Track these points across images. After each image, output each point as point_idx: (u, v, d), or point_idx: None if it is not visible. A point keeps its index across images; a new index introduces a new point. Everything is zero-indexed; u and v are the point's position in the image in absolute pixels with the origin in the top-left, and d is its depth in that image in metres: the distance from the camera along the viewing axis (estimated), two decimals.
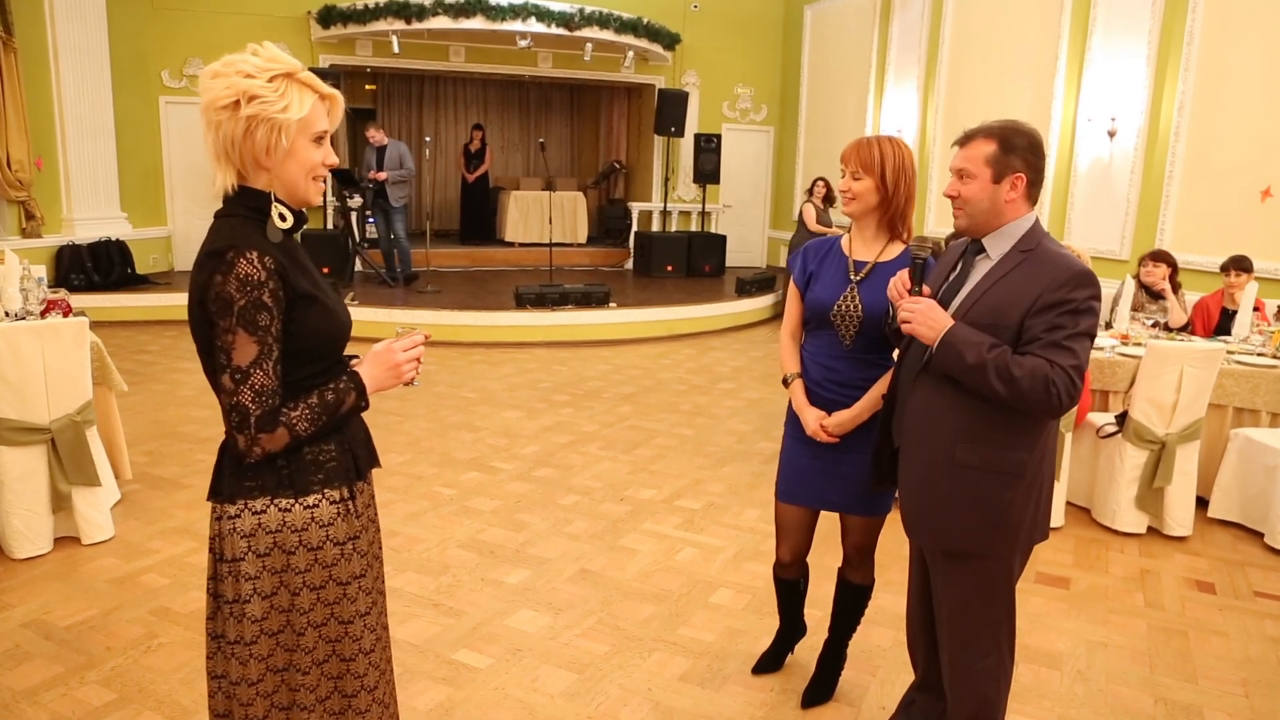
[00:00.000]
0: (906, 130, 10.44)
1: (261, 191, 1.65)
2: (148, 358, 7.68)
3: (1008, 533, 2.19)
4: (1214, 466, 4.66)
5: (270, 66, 1.60)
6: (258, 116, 1.58)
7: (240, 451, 1.61)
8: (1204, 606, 3.74)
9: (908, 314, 2.17)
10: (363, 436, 1.86)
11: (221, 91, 1.57)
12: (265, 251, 1.59)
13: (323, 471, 1.71)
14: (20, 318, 4.13)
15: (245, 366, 1.57)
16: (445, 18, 10.38)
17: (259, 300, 1.57)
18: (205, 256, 1.59)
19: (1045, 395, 2.01)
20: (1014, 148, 2.14)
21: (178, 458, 5.14)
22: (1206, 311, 5.69)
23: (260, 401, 1.58)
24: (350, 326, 1.79)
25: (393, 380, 1.78)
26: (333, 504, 1.72)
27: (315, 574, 1.71)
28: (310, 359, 1.68)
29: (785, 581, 2.97)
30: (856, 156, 2.54)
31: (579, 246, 13.12)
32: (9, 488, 3.74)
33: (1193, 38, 7.16)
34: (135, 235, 10.10)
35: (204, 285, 1.58)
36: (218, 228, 1.64)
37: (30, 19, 8.88)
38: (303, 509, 1.68)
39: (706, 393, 7.08)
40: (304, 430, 1.64)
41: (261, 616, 1.70)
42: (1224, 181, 7.02)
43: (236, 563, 1.68)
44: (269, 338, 1.59)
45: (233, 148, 1.61)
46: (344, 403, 1.70)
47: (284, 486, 1.67)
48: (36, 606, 3.40)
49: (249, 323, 1.56)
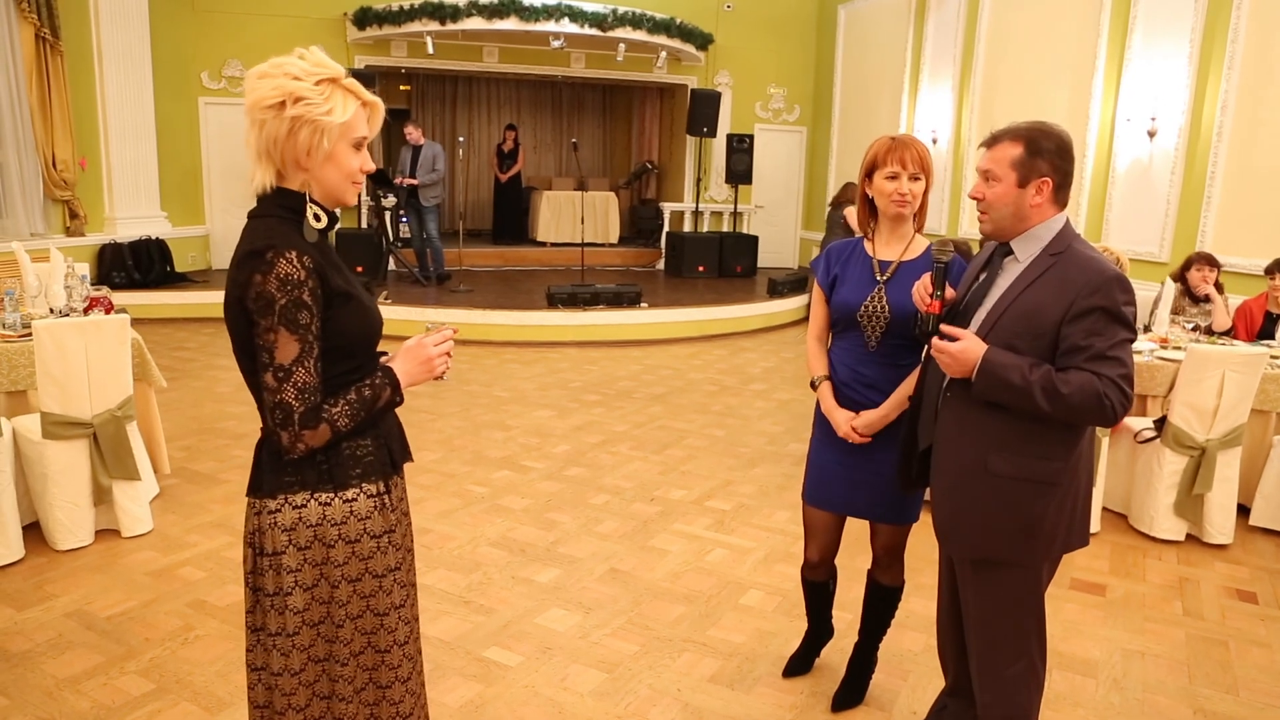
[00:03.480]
0: (941, 131, 10.34)
1: (297, 192, 1.68)
2: (186, 354, 7.81)
3: (1039, 542, 2.16)
4: (1256, 473, 4.57)
5: (317, 70, 1.64)
6: (302, 118, 1.61)
7: (283, 448, 1.64)
8: (1245, 616, 3.67)
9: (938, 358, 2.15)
10: (396, 431, 1.88)
11: (268, 91, 1.60)
12: (304, 251, 1.62)
13: (360, 466, 1.73)
14: (64, 314, 4.22)
15: (288, 364, 1.60)
16: (479, 19, 10.44)
17: (299, 299, 1.60)
18: (245, 256, 1.61)
19: (1099, 409, 1.99)
20: (1041, 150, 2.10)
21: (215, 453, 5.22)
22: (1249, 315, 5.58)
23: (303, 399, 1.61)
24: (382, 324, 1.82)
25: (425, 375, 1.81)
26: (370, 498, 1.74)
27: (353, 566, 1.74)
28: (345, 356, 1.71)
29: (813, 583, 2.96)
30: (918, 157, 2.50)
31: (611, 247, 13.14)
32: (53, 481, 3.83)
33: (1237, 34, 7.01)
34: (174, 234, 10.28)
35: (244, 284, 1.60)
36: (254, 228, 1.66)
37: (76, 23, 9.07)
38: (341, 503, 1.71)
39: (737, 394, 7.06)
40: (344, 426, 1.67)
41: (303, 608, 1.73)
42: (1268, 182, 6.87)
43: (278, 556, 1.70)
44: (309, 336, 1.62)
45: (274, 147, 1.63)
46: (380, 398, 1.72)
47: (323, 481, 1.70)
48: (78, 597, 3.47)
49: (290, 321, 1.59)
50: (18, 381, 4.12)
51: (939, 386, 2.29)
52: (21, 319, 4.28)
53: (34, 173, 8.65)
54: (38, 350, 3.74)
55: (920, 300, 2.28)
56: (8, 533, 3.69)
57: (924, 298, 2.26)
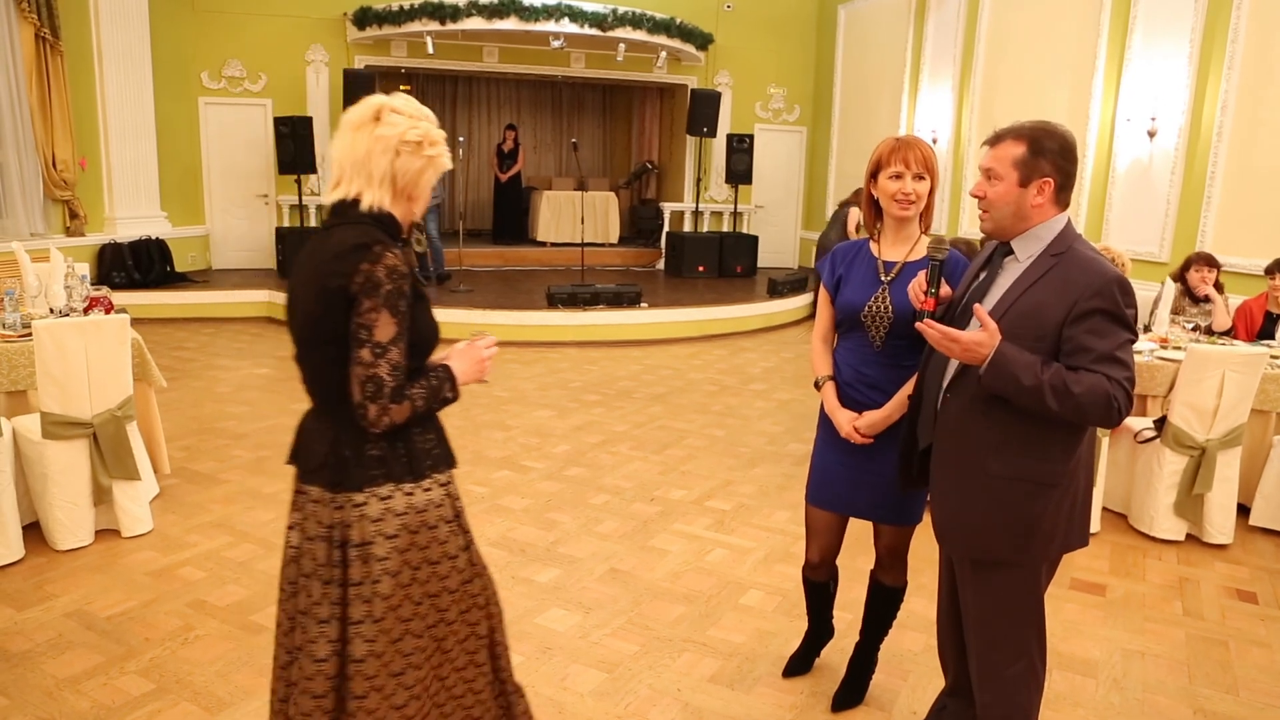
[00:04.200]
0: (941, 131, 10.34)
1: (397, 220, 1.87)
2: (186, 354, 7.81)
3: (1037, 543, 2.15)
4: (1256, 473, 4.57)
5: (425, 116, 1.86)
6: (434, 159, 1.85)
7: (368, 421, 1.75)
8: (1245, 616, 3.67)
9: (947, 350, 2.11)
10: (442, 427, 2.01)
11: (409, 129, 1.81)
12: (397, 254, 1.78)
13: (430, 458, 1.88)
14: (64, 314, 4.22)
15: (385, 343, 1.73)
16: (479, 18, 10.44)
17: (401, 289, 1.75)
18: (351, 249, 1.74)
19: (1106, 410, 1.98)
20: (1044, 151, 2.09)
21: (215, 453, 5.22)
22: (1249, 315, 5.58)
23: (395, 375, 1.74)
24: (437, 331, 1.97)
25: (476, 375, 1.97)
26: (440, 486, 1.90)
27: (433, 550, 1.88)
28: (416, 352, 1.84)
29: (814, 583, 2.96)
30: (921, 157, 2.50)
31: (611, 246, 13.13)
32: (53, 480, 3.83)
33: (1237, 34, 7.01)
34: (174, 234, 10.28)
35: (349, 272, 1.72)
36: (353, 231, 1.79)
37: (76, 23, 9.07)
38: (422, 492, 1.86)
39: (737, 394, 7.06)
40: (420, 407, 1.80)
41: (388, 594, 1.82)
42: (1268, 182, 6.87)
43: (365, 546, 1.80)
44: (405, 322, 1.76)
45: (402, 177, 1.83)
46: (443, 389, 1.86)
47: (406, 473, 1.83)
48: (78, 597, 3.47)
49: (393, 305, 1.74)
50: (18, 381, 4.12)
51: (939, 386, 2.28)
52: (21, 319, 4.28)
53: (34, 173, 8.66)
54: (38, 350, 3.74)
55: (915, 298, 2.28)
56: (8, 533, 3.69)
57: (918, 295, 2.27)
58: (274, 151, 10.76)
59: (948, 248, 2.30)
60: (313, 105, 11.22)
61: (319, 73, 11.27)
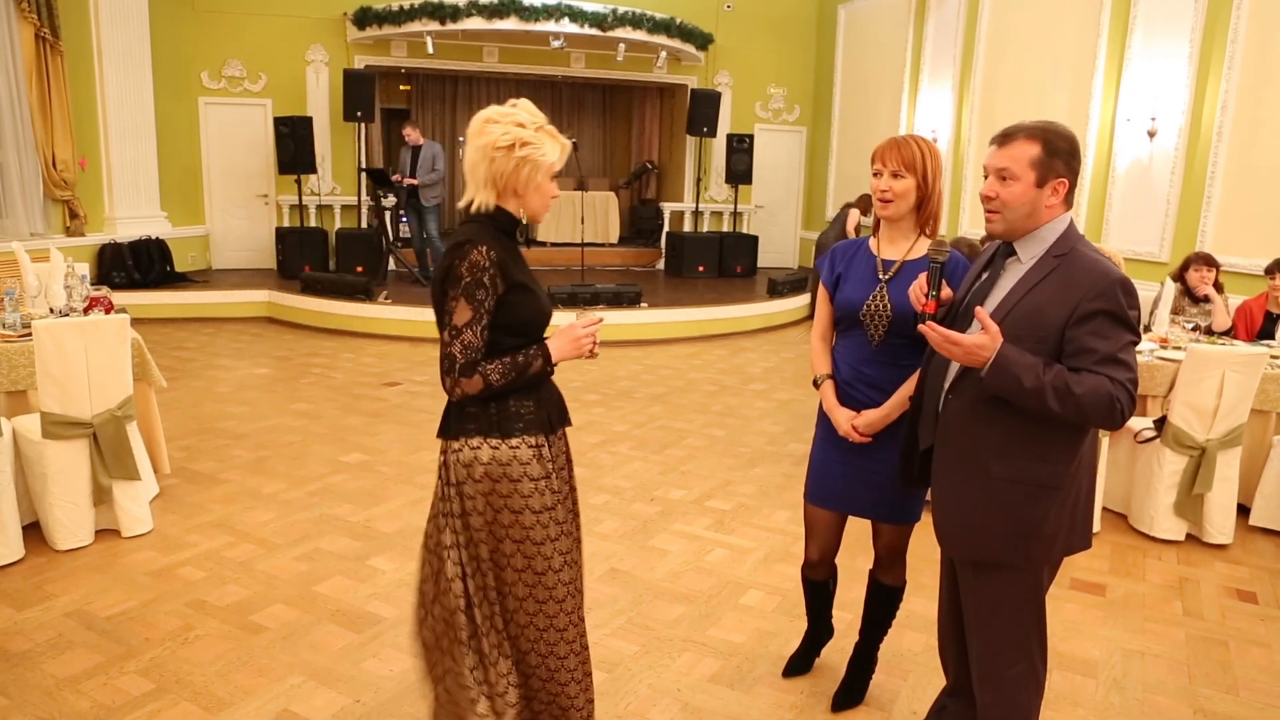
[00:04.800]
0: (941, 131, 10.34)
1: (512, 215, 2.18)
2: (186, 354, 7.81)
3: (1039, 545, 2.15)
4: (1256, 473, 4.57)
5: (535, 119, 2.11)
6: (527, 158, 2.08)
7: (446, 390, 2.10)
8: (1245, 616, 3.67)
9: (948, 353, 2.10)
10: (556, 399, 2.31)
11: (500, 136, 2.07)
12: (492, 247, 2.07)
13: (522, 421, 2.17)
14: (64, 314, 4.22)
15: (460, 326, 2.06)
16: (479, 18, 10.44)
17: (479, 280, 2.05)
18: (452, 247, 2.08)
19: (1109, 412, 1.98)
20: (1057, 151, 2.08)
21: (214, 453, 5.22)
22: (1249, 315, 5.58)
23: (466, 354, 2.06)
24: (550, 315, 2.25)
25: (574, 351, 2.22)
26: (530, 448, 2.17)
27: (515, 500, 2.16)
28: (516, 333, 2.14)
29: (814, 582, 2.96)
30: (898, 155, 2.51)
31: (611, 247, 13.13)
32: (52, 480, 3.83)
33: (1237, 35, 7.01)
34: (174, 234, 10.29)
35: (446, 267, 2.06)
36: (467, 229, 2.12)
37: (76, 23, 9.07)
38: (508, 448, 2.15)
39: (737, 394, 7.06)
40: (495, 380, 2.09)
41: (479, 527, 2.18)
42: (1268, 182, 6.87)
43: (459, 485, 2.16)
44: (481, 309, 2.07)
45: (501, 178, 2.11)
46: (532, 365, 2.14)
47: (493, 430, 2.14)
48: (78, 597, 3.47)
49: (469, 295, 2.05)
50: (18, 381, 4.12)
51: (940, 387, 2.28)
52: (21, 319, 4.29)
53: (34, 173, 8.66)
54: (38, 350, 3.74)
55: (916, 300, 2.28)
56: (8, 533, 3.69)
57: (919, 298, 2.26)
58: (274, 151, 10.76)
59: (948, 249, 2.29)
60: (313, 105, 11.23)
61: (319, 73, 11.27)
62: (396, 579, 3.72)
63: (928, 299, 2.23)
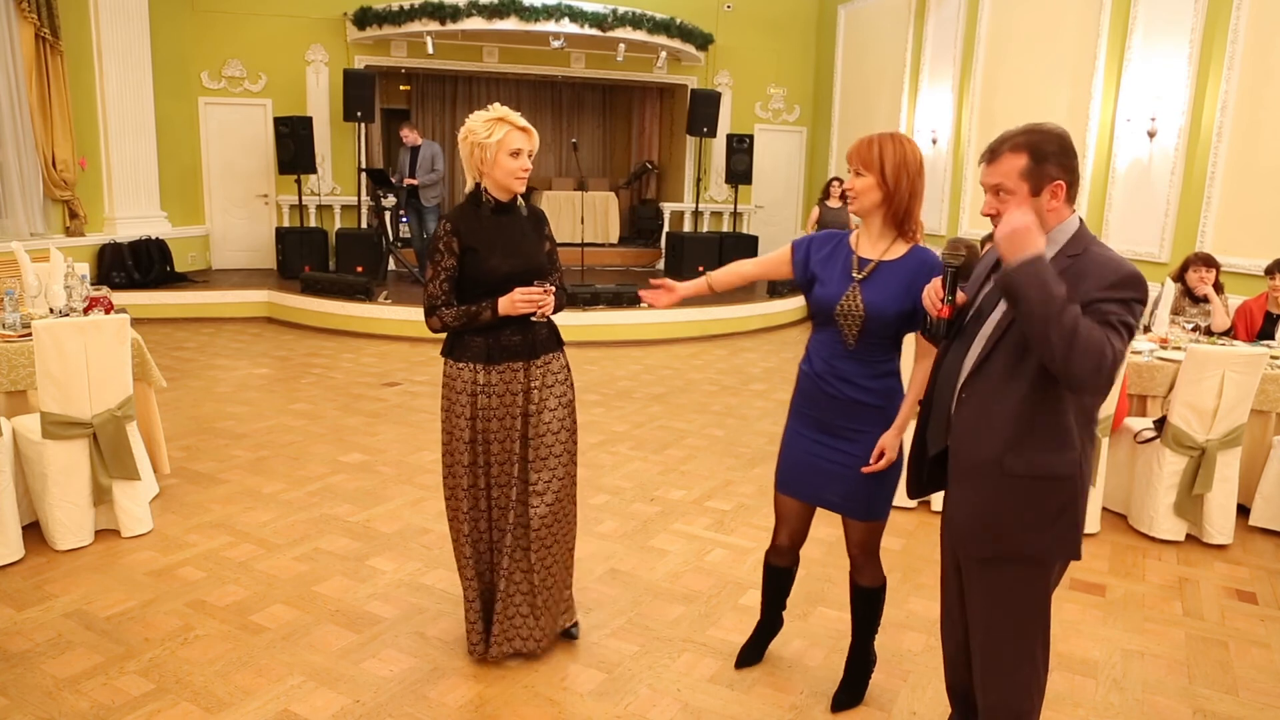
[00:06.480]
0: (941, 131, 10.34)
1: (482, 191, 2.87)
2: (185, 354, 7.81)
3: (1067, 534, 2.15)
4: (1256, 473, 4.57)
5: (494, 113, 2.81)
6: (474, 143, 2.80)
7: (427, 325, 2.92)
8: (1245, 617, 3.67)
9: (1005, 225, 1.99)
10: (513, 344, 2.90)
11: (463, 132, 2.83)
12: (450, 220, 2.85)
13: (469, 351, 2.90)
14: (64, 314, 4.22)
15: (427, 280, 2.88)
16: (479, 19, 10.43)
17: (437, 246, 2.86)
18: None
19: (1097, 366, 1.92)
20: (1046, 155, 2.06)
21: (215, 453, 5.22)
22: (1249, 315, 5.57)
23: (429, 301, 2.88)
24: (499, 274, 2.84)
25: (509, 308, 2.82)
26: (472, 371, 2.89)
27: (444, 403, 2.99)
28: (474, 288, 2.86)
29: (777, 568, 3.01)
30: (857, 154, 2.53)
31: (611, 247, 13.13)
32: (53, 480, 3.83)
33: (1237, 35, 7.01)
34: (174, 234, 10.28)
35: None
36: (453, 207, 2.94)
37: (76, 23, 9.07)
38: (453, 368, 2.93)
39: (737, 393, 7.06)
40: (450, 322, 2.86)
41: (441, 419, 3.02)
42: (1268, 182, 6.87)
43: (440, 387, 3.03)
44: (439, 268, 2.85)
45: (468, 162, 2.85)
46: (482, 314, 2.84)
47: (450, 352, 2.94)
48: (78, 597, 3.47)
49: (431, 257, 2.88)
50: (18, 381, 4.12)
51: (952, 389, 2.25)
52: (21, 319, 4.28)
53: (34, 172, 8.66)
54: (37, 350, 3.74)
55: (931, 305, 2.25)
56: (8, 533, 3.69)
57: (934, 302, 2.24)
58: (274, 151, 10.76)
59: (964, 254, 2.24)
60: (313, 105, 11.23)
61: (319, 73, 11.27)
62: (396, 579, 3.72)
63: (943, 304, 2.21)
